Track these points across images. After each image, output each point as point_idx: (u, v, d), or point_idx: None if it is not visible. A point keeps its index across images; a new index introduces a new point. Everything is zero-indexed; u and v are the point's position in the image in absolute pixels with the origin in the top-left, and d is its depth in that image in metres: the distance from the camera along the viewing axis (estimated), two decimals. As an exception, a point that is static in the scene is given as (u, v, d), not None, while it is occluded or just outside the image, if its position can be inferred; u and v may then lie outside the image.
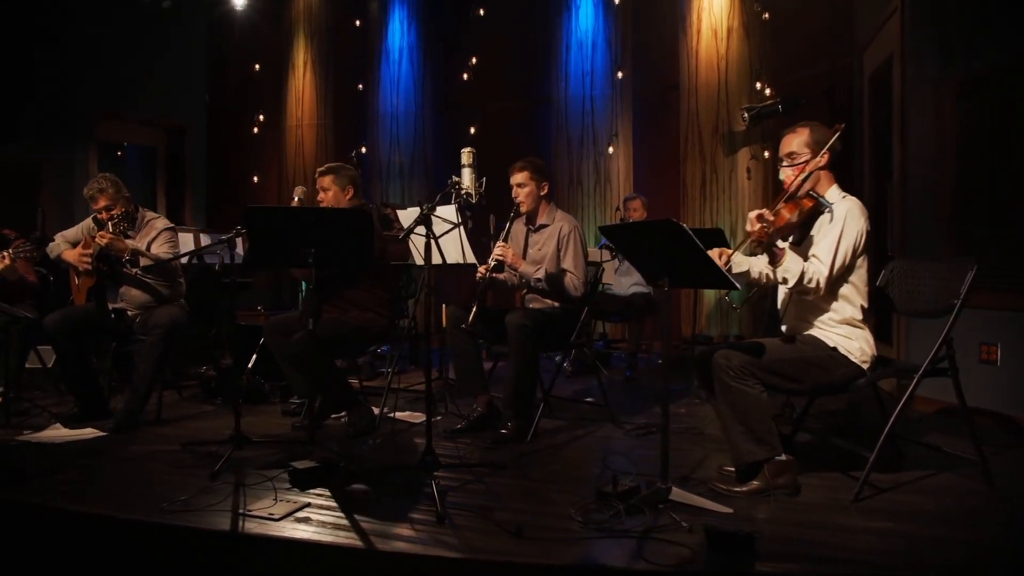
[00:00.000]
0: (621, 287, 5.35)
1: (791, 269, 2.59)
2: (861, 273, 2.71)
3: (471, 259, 3.96)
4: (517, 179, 3.73)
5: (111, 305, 3.87)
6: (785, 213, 2.65)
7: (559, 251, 3.67)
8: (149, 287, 3.89)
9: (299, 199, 4.43)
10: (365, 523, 2.40)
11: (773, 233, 2.59)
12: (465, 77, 7.33)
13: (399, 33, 7.62)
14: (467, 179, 4.27)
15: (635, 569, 2.09)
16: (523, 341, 3.39)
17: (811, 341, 2.74)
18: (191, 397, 4.52)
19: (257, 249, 3.20)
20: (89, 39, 6.90)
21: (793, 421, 3.39)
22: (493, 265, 3.57)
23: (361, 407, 3.63)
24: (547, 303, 3.73)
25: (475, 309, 3.44)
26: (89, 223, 3.96)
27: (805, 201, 2.70)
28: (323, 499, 2.64)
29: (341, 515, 2.48)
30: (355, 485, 2.82)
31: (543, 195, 3.77)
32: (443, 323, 3.76)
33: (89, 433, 3.57)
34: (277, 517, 2.44)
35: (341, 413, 3.73)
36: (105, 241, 3.62)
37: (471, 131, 6.98)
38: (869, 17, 5.18)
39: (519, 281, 3.74)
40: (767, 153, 5.96)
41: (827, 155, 2.73)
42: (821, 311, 2.74)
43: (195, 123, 8.13)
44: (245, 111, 8.22)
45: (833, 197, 2.73)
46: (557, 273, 3.63)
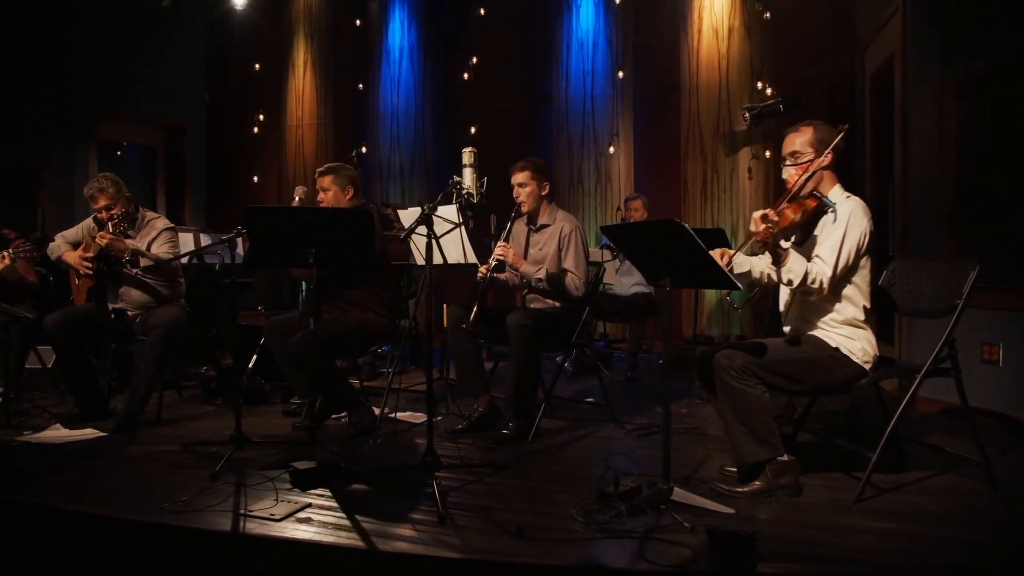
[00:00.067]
0: (622, 287, 5.35)
1: (795, 270, 2.59)
2: (864, 273, 2.71)
3: (472, 259, 3.96)
4: (518, 179, 3.73)
5: (111, 305, 3.86)
6: (789, 213, 2.64)
7: (560, 251, 3.66)
8: (149, 287, 3.88)
9: (300, 199, 4.43)
10: (366, 523, 2.40)
11: (777, 233, 2.58)
12: (465, 77, 7.32)
13: (399, 33, 7.61)
14: (468, 179, 4.26)
15: (637, 570, 2.09)
16: (524, 341, 3.39)
17: (813, 341, 2.73)
18: (191, 397, 4.52)
19: (257, 249, 3.20)
20: (89, 39, 6.89)
21: (795, 421, 3.38)
22: (494, 265, 3.57)
23: (362, 407, 3.63)
24: (548, 303, 3.73)
25: (476, 309, 3.44)
26: (89, 223, 3.95)
27: (809, 201, 2.69)
28: (324, 499, 2.63)
29: (342, 515, 2.48)
30: (356, 485, 2.81)
31: (544, 195, 3.76)
32: (444, 323, 3.75)
33: (89, 433, 3.57)
34: (278, 517, 2.44)
35: (342, 413, 3.72)
36: (105, 241, 3.61)
37: (471, 131, 6.96)
38: (870, 17, 5.18)
39: (520, 281, 3.74)
40: (768, 153, 5.95)
41: (831, 155, 2.72)
42: (824, 312, 2.74)
43: (195, 123, 8.12)
44: (245, 111, 8.21)
45: (836, 197, 2.73)
46: (558, 273, 3.62)
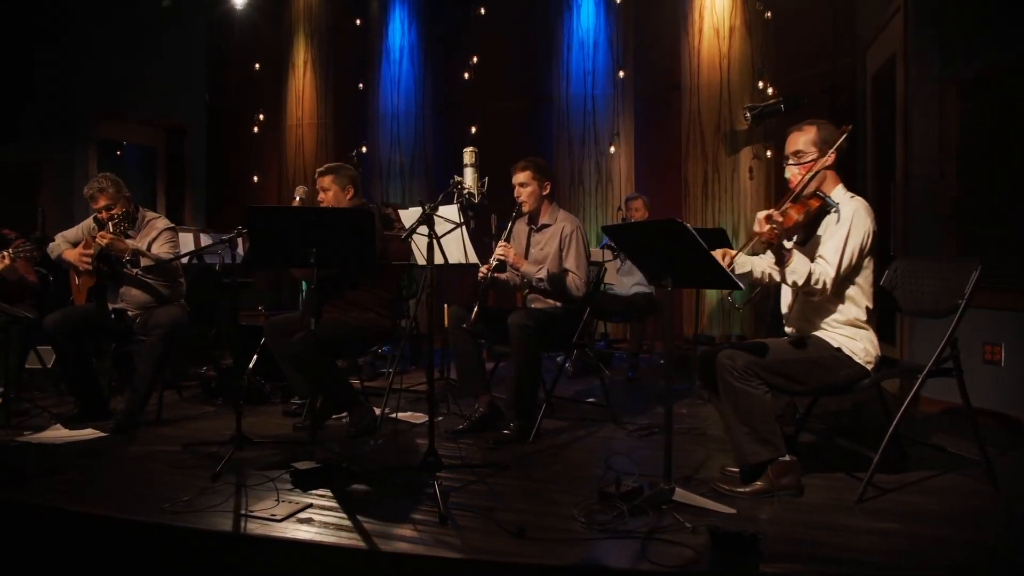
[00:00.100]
0: (623, 287, 5.35)
1: (798, 270, 2.58)
2: (867, 274, 2.70)
3: (473, 259, 3.95)
4: (519, 179, 3.72)
5: (111, 305, 3.86)
6: (793, 214, 2.64)
7: (561, 251, 3.66)
8: (149, 287, 3.88)
9: (300, 199, 4.42)
10: (367, 524, 2.39)
11: (781, 234, 2.58)
12: (466, 76, 7.31)
13: (399, 32, 7.61)
14: (469, 179, 4.25)
15: (639, 570, 2.08)
16: (525, 341, 3.38)
17: (815, 342, 2.73)
18: (192, 397, 4.51)
19: (258, 249, 3.19)
20: (89, 39, 6.89)
21: (796, 421, 3.38)
22: (495, 265, 3.56)
23: (362, 407, 3.62)
24: (549, 303, 3.72)
25: (477, 309, 3.44)
26: (90, 223, 3.95)
27: (812, 201, 2.69)
28: (325, 500, 2.63)
29: (343, 516, 2.48)
30: (357, 486, 2.81)
31: (545, 195, 3.76)
32: (445, 323, 3.75)
33: (89, 433, 3.56)
34: (279, 518, 2.43)
35: (342, 414, 3.72)
36: (106, 241, 3.61)
37: (472, 131, 6.96)
38: (871, 17, 5.17)
39: (521, 281, 3.73)
40: (769, 152, 5.95)
41: (834, 155, 2.72)
42: (826, 312, 2.73)
43: (195, 123, 8.12)
44: (245, 111, 8.21)
45: (839, 197, 2.72)
46: (559, 273, 3.62)
